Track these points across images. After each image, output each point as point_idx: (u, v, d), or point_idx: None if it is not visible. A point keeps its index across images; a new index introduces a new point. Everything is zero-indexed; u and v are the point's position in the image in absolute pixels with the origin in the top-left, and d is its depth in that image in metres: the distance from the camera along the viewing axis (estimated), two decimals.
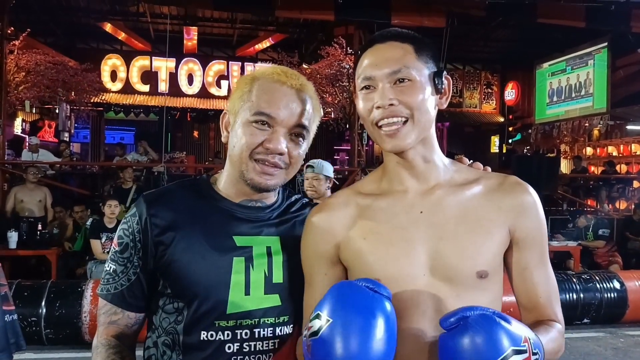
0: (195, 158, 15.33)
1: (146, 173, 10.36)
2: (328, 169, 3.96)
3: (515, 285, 1.30)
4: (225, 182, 1.39)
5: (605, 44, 12.74)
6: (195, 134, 17.56)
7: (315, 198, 3.45)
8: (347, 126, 12.10)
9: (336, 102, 12.06)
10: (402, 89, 1.19)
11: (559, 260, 8.57)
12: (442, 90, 1.25)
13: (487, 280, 1.21)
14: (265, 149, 1.29)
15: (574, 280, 6.47)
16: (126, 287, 1.31)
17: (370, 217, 1.28)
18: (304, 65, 12.58)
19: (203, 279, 1.27)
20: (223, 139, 1.39)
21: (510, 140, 17.82)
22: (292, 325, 1.35)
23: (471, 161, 1.42)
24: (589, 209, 10.99)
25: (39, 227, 7.27)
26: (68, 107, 13.95)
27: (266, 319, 1.31)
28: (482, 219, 1.23)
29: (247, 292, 1.29)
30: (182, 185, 1.39)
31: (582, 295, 6.36)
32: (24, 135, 15.00)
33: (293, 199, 1.49)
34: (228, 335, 1.28)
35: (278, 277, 1.33)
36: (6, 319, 1.34)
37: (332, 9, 9.65)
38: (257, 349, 1.30)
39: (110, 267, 1.34)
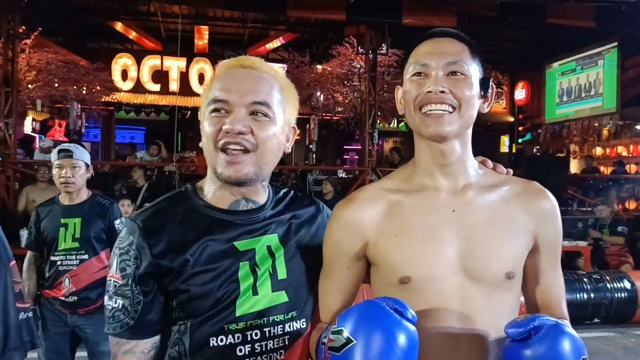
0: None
1: (157, 172, 10.41)
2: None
3: (530, 286, 1.34)
4: (209, 188, 1.35)
5: (615, 43, 12.67)
6: None
7: None
8: (358, 126, 12.10)
9: (347, 101, 12.07)
10: (455, 80, 1.22)
11: (568, 260, 8.55)
12: (487, 96, 1.29)
13: (513, 280, 1.25)
14: (225, 132, 1.23)
15: (585, 279, 6.46)
16: (137, 318, 1.25)
17: (401, 214, 1.28)
18: (315, 65, 12.57)
19: (213, 294, 1.25)
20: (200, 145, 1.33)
21: (519, 140, 17.75)
22: (302, 320, 1.34)
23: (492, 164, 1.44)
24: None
25: None
26: (79, 106, 14.03)
27: (275, 317, 1.30)
28: (510, 222, 1.26)
29: (255, 293, 1.28)
30: (171, 203, 1.32)
31: (592, 295, 6.35)
32: (34, 135, 15.10)
33: (281, 193, 1.46)
34: (238, 338, 1.26)
35: (282, 273, 1.32)
36: (21, 316, 1.35)
37: (343, 8, 9.65)
38: (269, 347, 1.28)
39: (118, 303, 1.25)
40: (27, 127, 15.03)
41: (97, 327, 3.33)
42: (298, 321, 1.33)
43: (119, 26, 14.59)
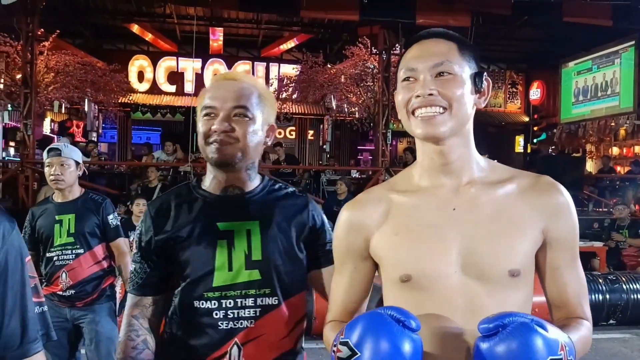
0: None
1: (173, 172, 10.50)
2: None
3: (546, 284, 1.31)
4: (207, 180, 1.66)
5: (633, 42, 12.56)
6: None
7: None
8: (371, 126, 12.11)
9: (360, 102, 12.08)
10: (442, 81, 1.22)
11: (584, 260, 8.48)
12: (482, 90, 1.28)
13: (519, 278, 1.22)
14: (213, 131, 1.54)
15: (600, 280, 6.41)
16: (143, 279, 1.62)
17: (403, 213, 1.29)
18: (328, 65, 12.60)
19: (193, 259, 1.55)
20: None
21: (535, 140, 17.63)
22: (274, 298, 1.57)
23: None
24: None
25: None
26: (96, 107, 14.18)
27: (248, 291, 1.54)
28: (515, 218, 1.24)
29: (230, 269, 1.54)
30: (177, 192, 1.67)
31: (608, 296, 6.29)
32: (53, 135, 15.27)
33: (277, 186, 1.70)
34: (215, 304, 1.53)
35: (257, 255, 1.55)
36: (36, 310, 1.39)
37: (357, 9, 9.67)
38: (240, 315, 1.54)
39: (133, 267, 1.66)
40: (46, 128, 15.21)
41: (95, 313, 3.48)
42: (270, 298, 1.56)
43: (135, 28, 14.72)
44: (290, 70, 15.18)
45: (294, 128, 17.92)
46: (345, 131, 16.10)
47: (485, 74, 1.28)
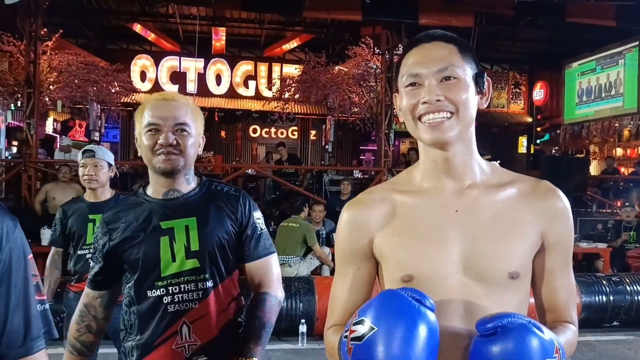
0: (223, 158, 15.45)
1: None
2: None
3: (537, 287, 1.33)
4: (150, 186, 1.93)
5: (637, 43, 12.51)
6: (223, 134, 17.68)
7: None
8: (374, 126, 12.09)
9: (363, 102, 12.06)
10: (448, 86, 1.23)
11: (587, 262, 8.45)
12: (484, 91, 1.30)
13: (518, 281, 1.24)
14: (160, 145, 1.80)
15: (604, 282, 6.38)
16: (95, 275, 1.92)
17: (405, 214, 1.30)
18: (331, 65, 12.58)
19: (142, 255, 1.82)
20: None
21: (538, 141, 17.58)
22: (211, 281, 1.84)
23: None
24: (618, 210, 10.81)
25: None
26: (98, 106, 14.19)
27: (189, 277, 1.82)
28: (515, 221, 1.26)
29: (173, 260, 1.82)
30: (127, 199, 2.00)
31: (611, 297, 6.26)
32: (55, 135, 15.30)
33: (213, 186, 1.97)
34: (163, 291, 1.81)
35: (195, 246, 1.83)
36: (39, 308, 1.40)
37: (359, 9, 9.64)
38: (185, 298, 1.81)
39: (90, 264, 1.97)
40: (49, 127, 15.23)
41: (116, 313, 3.48)
42: (209, 281, 1.84)
43: (138, 28, 14.74)
44: (292, 70, 15.16)
45: (296, 128, 17.93)
46: (347, 131, 16.08)
47: (485, 73, 1.29)
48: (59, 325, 3.43)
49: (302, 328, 5.43)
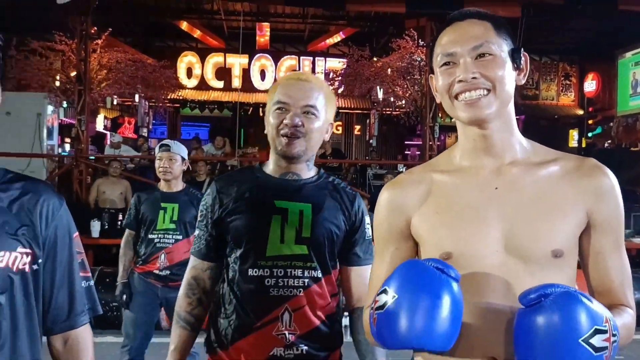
0: (267, 153, 15.52)
1: (220, 167, 10.63)
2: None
3: (588, 268, 1.28)
4: (269, 164, 1.88)
5: None
6: None
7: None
8: (418, 120, 11.97)
9: (407, 95, 11.94)
10: (484, 63, 1.21)
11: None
12: (521, 67, 1.27)
13: (562, 260, 1.20)
14: (285, 125, 1.76)
15: None
16: (205, 245, 1.85)
17: (443, 193, 1.29)
18: (374, 59, 12.50)
19: (251, 230, 1.75)
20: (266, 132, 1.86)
21: (590, 134, 17.08)
22: (319, 271, 1.77)
23: None
24: None
25: (120, 217, 7.62)
26: (146, 103, 14.49)
27: (296, 262, 1.74)
28: (558, 200, 1.22)
29: (282, 241, 1.74)
30: (241, 170, 1.97)
31: None
32: (106, 132, 15.71)
33: (330, 179, 1.92)
34: (267, 271, 1.73)
35: (306, 233, 1.76)
36: (83, 284, 1.46)
37: (403, 1, 9.55)
38: (289, 284, 1.73)
39: (196, 232, 1.88)
40: (99, 124, 15.65)
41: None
42: (316, 271, 1.77)
43: (184, 25, 15.00)
44: (336, 64, 15.14)
45: (340, 123, 17.90)
46: (392, 126, 15.94)
47: (522, 49, 1.26)
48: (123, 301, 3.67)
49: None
